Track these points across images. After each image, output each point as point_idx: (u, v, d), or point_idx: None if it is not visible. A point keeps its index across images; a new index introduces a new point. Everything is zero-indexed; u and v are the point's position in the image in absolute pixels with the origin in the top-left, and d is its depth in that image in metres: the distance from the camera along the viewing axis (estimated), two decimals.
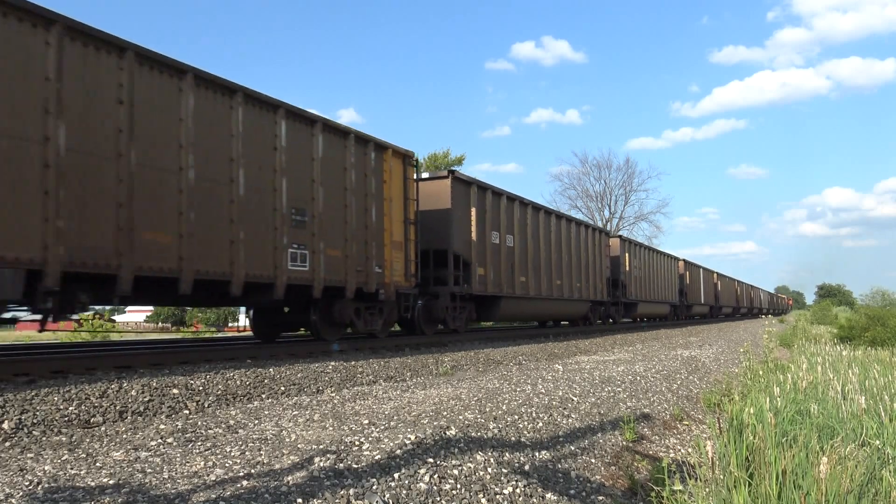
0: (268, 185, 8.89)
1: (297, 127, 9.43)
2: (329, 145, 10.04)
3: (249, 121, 8.65)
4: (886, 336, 15.45)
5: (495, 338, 15.03)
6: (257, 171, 8.74)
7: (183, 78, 7.80)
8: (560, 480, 4.71)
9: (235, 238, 8.32)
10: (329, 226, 9.92)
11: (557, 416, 6.32)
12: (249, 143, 8.63)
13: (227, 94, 8.39)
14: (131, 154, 7.16)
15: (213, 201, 8.09)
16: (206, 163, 8.03)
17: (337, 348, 10.44)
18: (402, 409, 5.98)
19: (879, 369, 7.47)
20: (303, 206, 9.42)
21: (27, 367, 6.52)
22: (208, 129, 8.11)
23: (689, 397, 8.90)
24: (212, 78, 8.17)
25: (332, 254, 9.96)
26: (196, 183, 7.85)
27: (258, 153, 8.79)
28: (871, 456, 3.88)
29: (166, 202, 7.52)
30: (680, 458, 5.55)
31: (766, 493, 3.21)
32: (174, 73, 7.73)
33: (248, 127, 8.63)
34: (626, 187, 60.08)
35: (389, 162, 11.42)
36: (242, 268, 8.39)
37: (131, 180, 7.12)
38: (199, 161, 7.90)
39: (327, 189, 9.92)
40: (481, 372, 9.98)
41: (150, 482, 3.74)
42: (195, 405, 6.31)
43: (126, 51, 7.17)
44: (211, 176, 8.09)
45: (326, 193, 9.89)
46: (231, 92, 8.44)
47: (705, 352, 14.87)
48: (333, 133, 10.15)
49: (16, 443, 4.86)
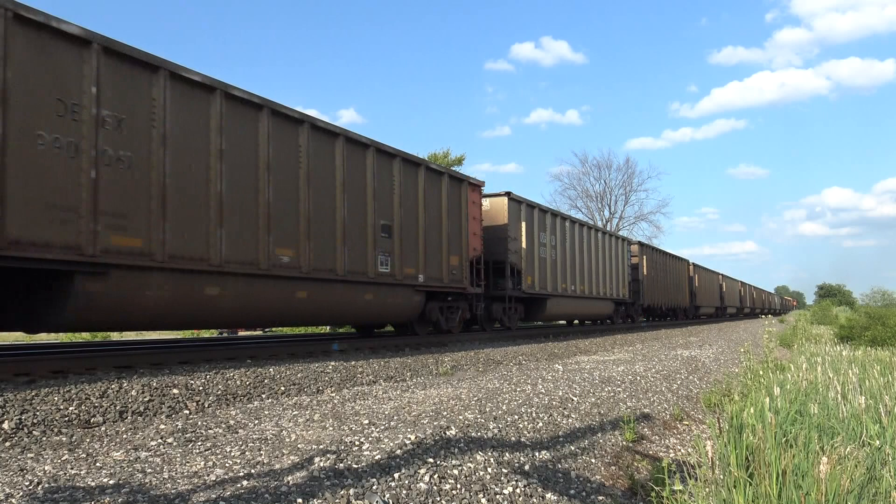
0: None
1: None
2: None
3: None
4: (887, 335, 15.43)
5: (495, 338, 15.08)
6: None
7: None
8: (560, 480, 4.71)
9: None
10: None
11: (557, 416, 6.32)
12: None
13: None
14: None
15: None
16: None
17: (337, 348, 10.45)
18: (402, 409, 5.98)
19: (879, 369, 7.46)
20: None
21: (27, 367, 6.51)
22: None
23: (689, 397, 8.89)
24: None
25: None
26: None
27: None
28: (871, 456, 3.88)
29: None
30: (680, 458, 5.55)
31: (766, 493, 3.21)
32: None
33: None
34: (626, 187, 60.21)
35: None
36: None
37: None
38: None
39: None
40: (481, 372, 9.97)
41: (151, 482, 3.74)
42: (195, 405, 6.31)
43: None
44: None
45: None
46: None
47: (705, 352, 14.86)
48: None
49: (16, 443, 4.86)
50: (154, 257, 7.44)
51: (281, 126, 9.26)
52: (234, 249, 8.44)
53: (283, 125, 9.31)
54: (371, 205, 11.03)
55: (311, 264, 9.69)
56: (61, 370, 6.73)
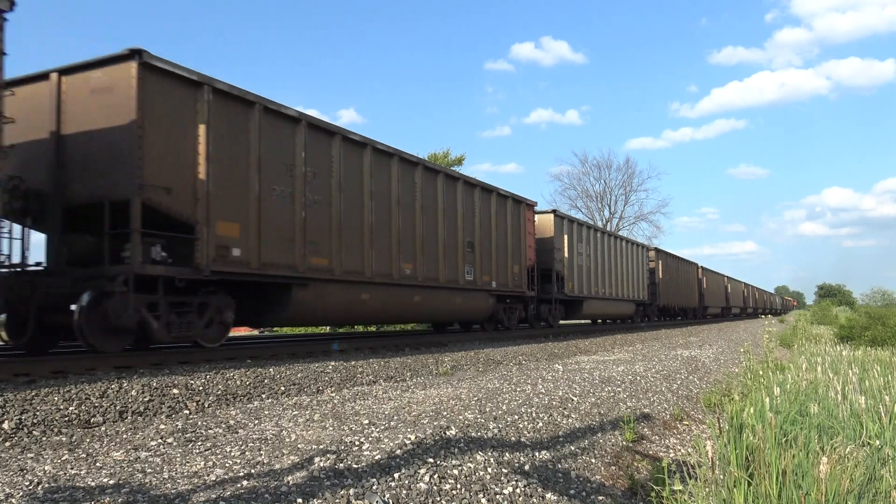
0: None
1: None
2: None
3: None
4: (887, 335, 15.42)
5: (495, 338, 15.11)
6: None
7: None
8: (560, 480, 4.71)
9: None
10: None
11: (557, 416, 6.32)
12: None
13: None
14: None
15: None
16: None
17: (336, 348, 10.46)
18: (402, 409, 5.98)
19: (879, 369, 7.46)
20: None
21: (27, 367, 6.51)
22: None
23: (689, 397, 8.89)
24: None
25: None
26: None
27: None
28: (871, 456, 3.88)
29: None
30: (680, 458, 5.55)
31: (766, 493, 3.21)
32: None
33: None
34: (626, 187, 60.18)
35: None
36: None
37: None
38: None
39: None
40: (481, 372, 9.97)
41: (151, 482, 3.74)
42: (195, 405, 6.31)
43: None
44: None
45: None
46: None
47: (705, 352, 14.86)
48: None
49: (16, 443, 4.86)
50: (334, 272, 10.30)
51: (406, 169, 12.39)
52: (378, 265, 11.32)
53: (407, 168, 12.42)
54: (460, 226, 14.05)
55: (424, 275, 12.63)
56: (61, 370, 6.73)
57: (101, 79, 7.74)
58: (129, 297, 7.38)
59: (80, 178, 7.84)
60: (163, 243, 7.88)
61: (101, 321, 7.39)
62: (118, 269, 7.43)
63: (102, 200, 7.52)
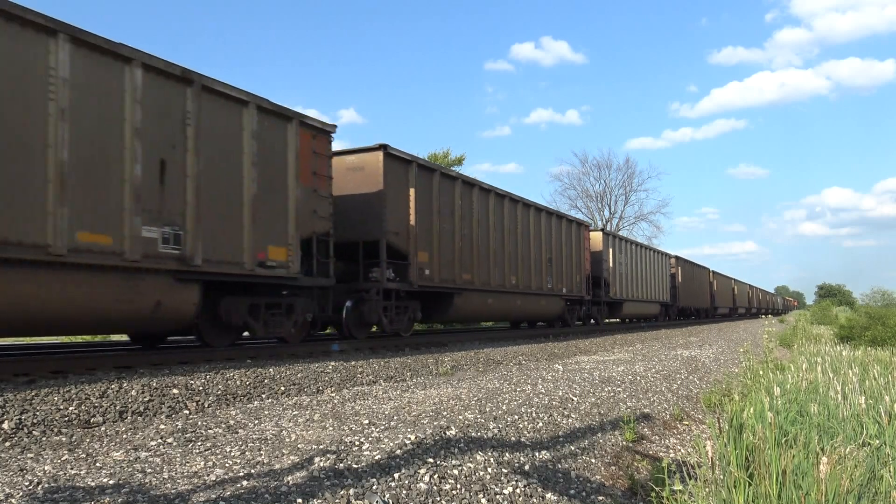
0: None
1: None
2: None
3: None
4: (887, 335, 15.42)
5: (495, 338, 15.15)
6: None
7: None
8: (560, 480, 4.71)
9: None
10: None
11: (557, 416, 6.32)
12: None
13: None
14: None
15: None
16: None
17: (337, 348, 10.45)
18: (402, 409, 5.98)
19: (879, 369, 7.46)
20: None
21: (27, 367, 6.52)
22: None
23: (689, 397, 8.89)
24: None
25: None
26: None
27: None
28: (871, 456, 3.88)
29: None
30: (680, 458, 5.55)
31: (766, 493, 3.21)
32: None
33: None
34: (626, 187, 60.17)
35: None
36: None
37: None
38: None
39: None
40: (481, 372, 9.97)
41: (150, 482, 3.74)
42: (195, 405, 6.31)
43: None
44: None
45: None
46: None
47: (705, 352, 14.86)
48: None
49: (16, 443, 4.86)
50: (475, 284, 14.24)
51: (511, 205, 16.39)
52: (497, 278, 15.31)
53: (511, 205, 16.43)
54: (543, 247, 18.18)
55: (523, 284, 16.69)
56: (61, 370, 6.73)
57: (353, 161, 11.73)
58: (378, 302, 11.35)
59: (340, 227, 10.90)
60: (393, 267, 11.63)
61: (357, 318, 11.45)
62: (370, 284, 11.36)
63: (357, 241, 11.45)
